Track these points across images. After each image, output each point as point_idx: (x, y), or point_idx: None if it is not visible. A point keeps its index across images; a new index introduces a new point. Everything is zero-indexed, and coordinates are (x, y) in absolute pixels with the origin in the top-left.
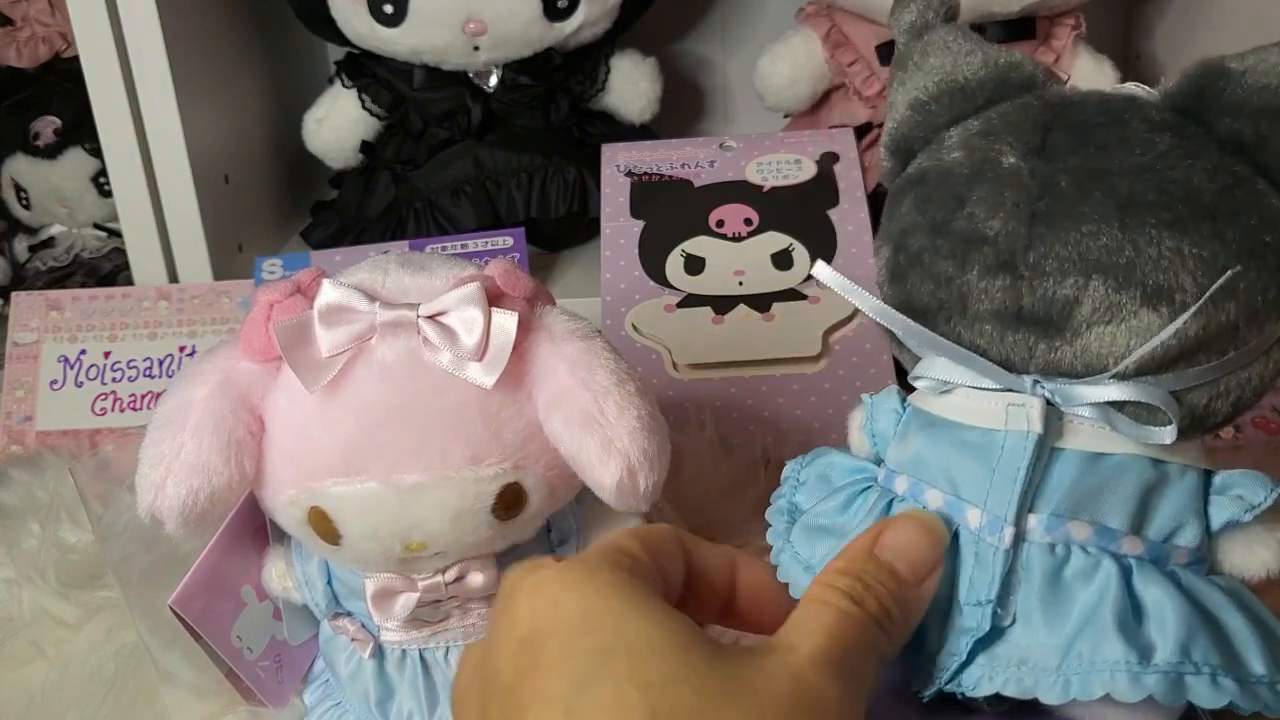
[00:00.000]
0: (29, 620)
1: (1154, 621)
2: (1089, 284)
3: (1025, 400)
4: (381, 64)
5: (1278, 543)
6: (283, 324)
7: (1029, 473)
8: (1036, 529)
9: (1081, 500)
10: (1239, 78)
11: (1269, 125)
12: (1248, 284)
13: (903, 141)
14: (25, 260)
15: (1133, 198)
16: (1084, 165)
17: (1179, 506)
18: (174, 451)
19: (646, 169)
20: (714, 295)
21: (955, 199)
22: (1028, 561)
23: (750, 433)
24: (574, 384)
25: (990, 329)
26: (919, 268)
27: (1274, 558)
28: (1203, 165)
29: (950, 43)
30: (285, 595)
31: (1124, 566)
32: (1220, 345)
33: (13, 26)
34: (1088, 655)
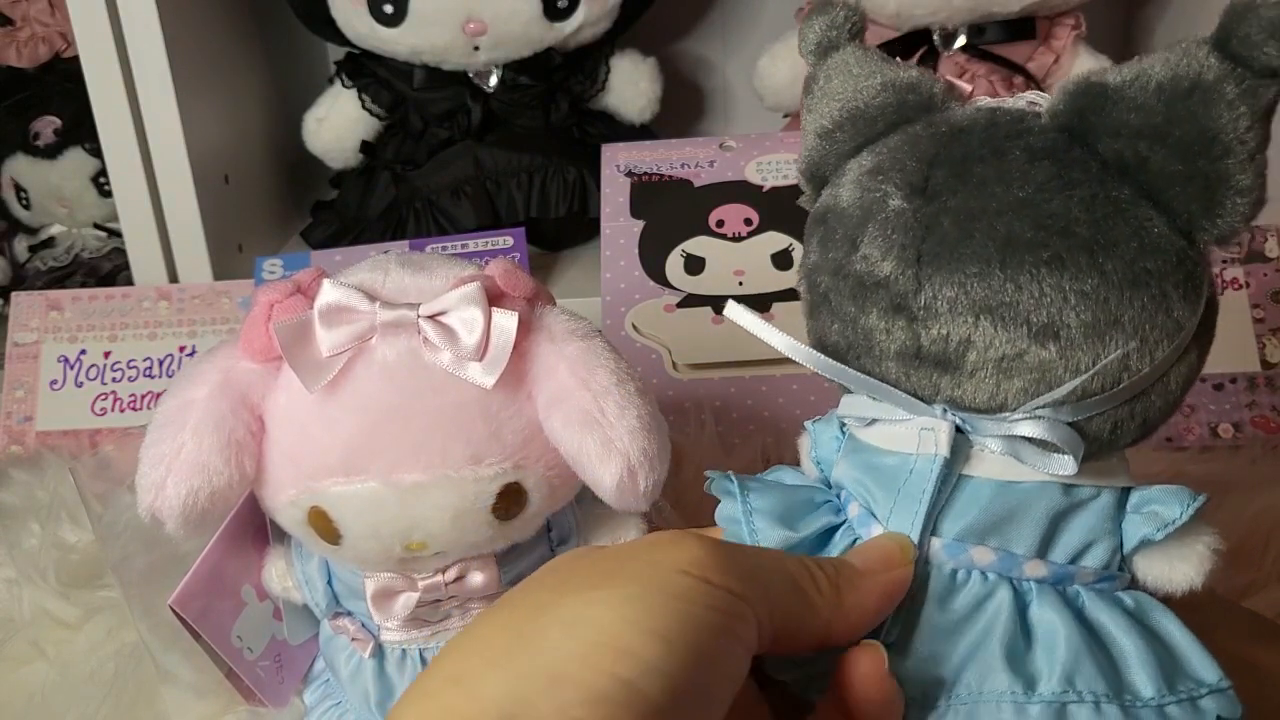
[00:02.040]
0: (29, 620)
1: (1042, 649)
2: (978, 324)
3: (935, 424)
4: (381, 64)
5: (1198, 556)
6: (283, 324)
7: (934, 495)
8: (939, 552)
9: (988, 526)
10: (1117, 96)
11: (1147, 146)
12: (1132, 315)
13: (814, 169)
14: (25, 260)
15: (1010, 237)
16: (964, 205)
17: (1089, 528)
18: (174, 451)
19: (646, 169)
20: (714, 295)
21: (850, 241)
22: (926, 583)
23: (750, 433)
24: (574, 384)
25: (895, 367)
26: (827, 307)
27: (1195, 572)
28: (1081, 194)
29: (851, 65)
30: (285, 595)
31: (1021, 592)
32: (1113, 376)
33: (13, 26)
34: (975, 686)
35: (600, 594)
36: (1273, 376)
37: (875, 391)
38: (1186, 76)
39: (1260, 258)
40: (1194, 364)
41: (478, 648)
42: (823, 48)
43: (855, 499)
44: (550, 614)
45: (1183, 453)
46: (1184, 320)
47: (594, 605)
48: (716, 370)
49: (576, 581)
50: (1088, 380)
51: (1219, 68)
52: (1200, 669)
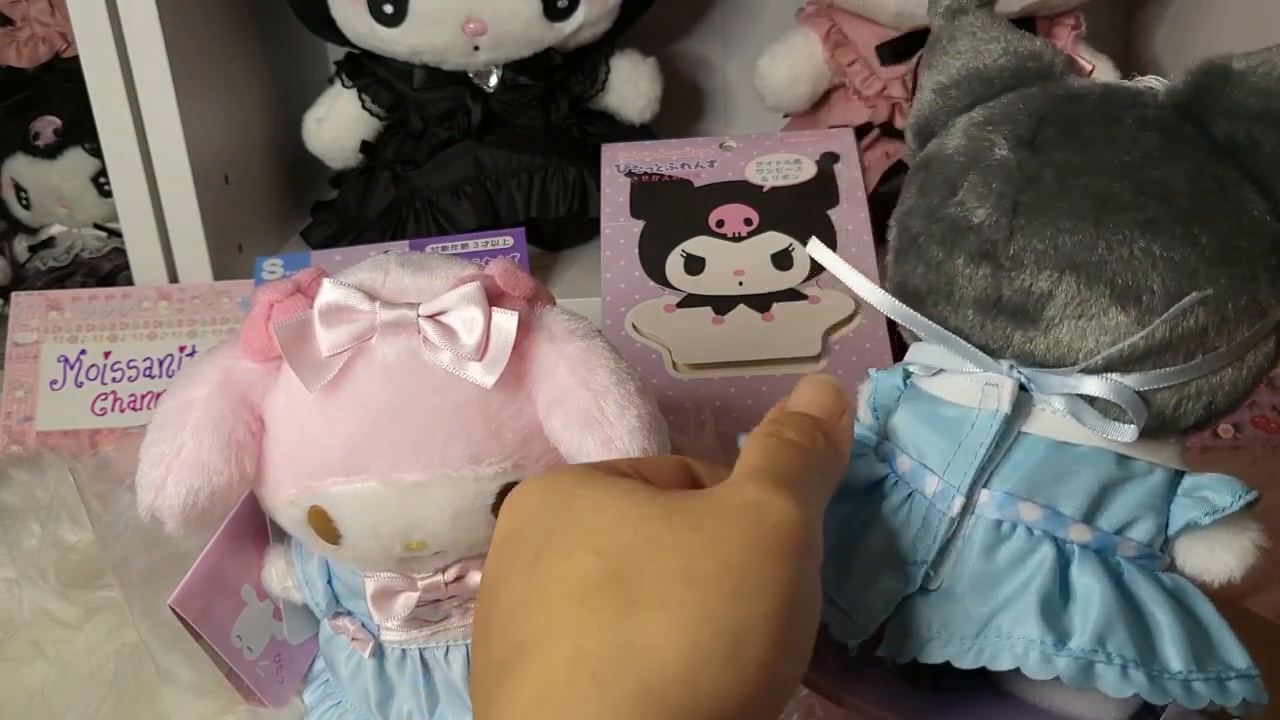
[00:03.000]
0: (29, 620)
1: (1079, 607)
2: (1062, 279)
3: (1000, 380)
4: (381, 64)
5: (1241, 548)
6: (283, 323)
7: (990, 449)
8: (988, 504)
9: (1039, 484)
10: (1239, 79)
11: (1262, 130)
12: (1218, 290)
13: (924, 124)
14: (25, 260)
15: (1109, 196)
16: (1068, 160)
17: (1137, 502)
18: (174, 451)
19: (646, 169)
20: (714, 295)
21: (949, 185)
22: (970, 533)
23: None
24: (574, 383)
25: (973, 315)
26: (915, 250)
27: (1237, 562)
28: (1186, 167)
29: (977, 29)
30: (285, 595)
31: (1064, 552)
32: (1188, 349)
33: (13, 26)
34: (1006, 630)
35: (756, 603)
36: (1273, 376)
37: (946, 342)
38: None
39: None
40: (1271, 354)
41: (657, 649)
42: (951, 11)
43: (906, 451)
44: (717, 618)
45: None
46: (1269, 306)
47: (758, 621)
48: (716, 370)
49: (726, 583)
50: (1161, 346)
51: None
52: (1231, 654)
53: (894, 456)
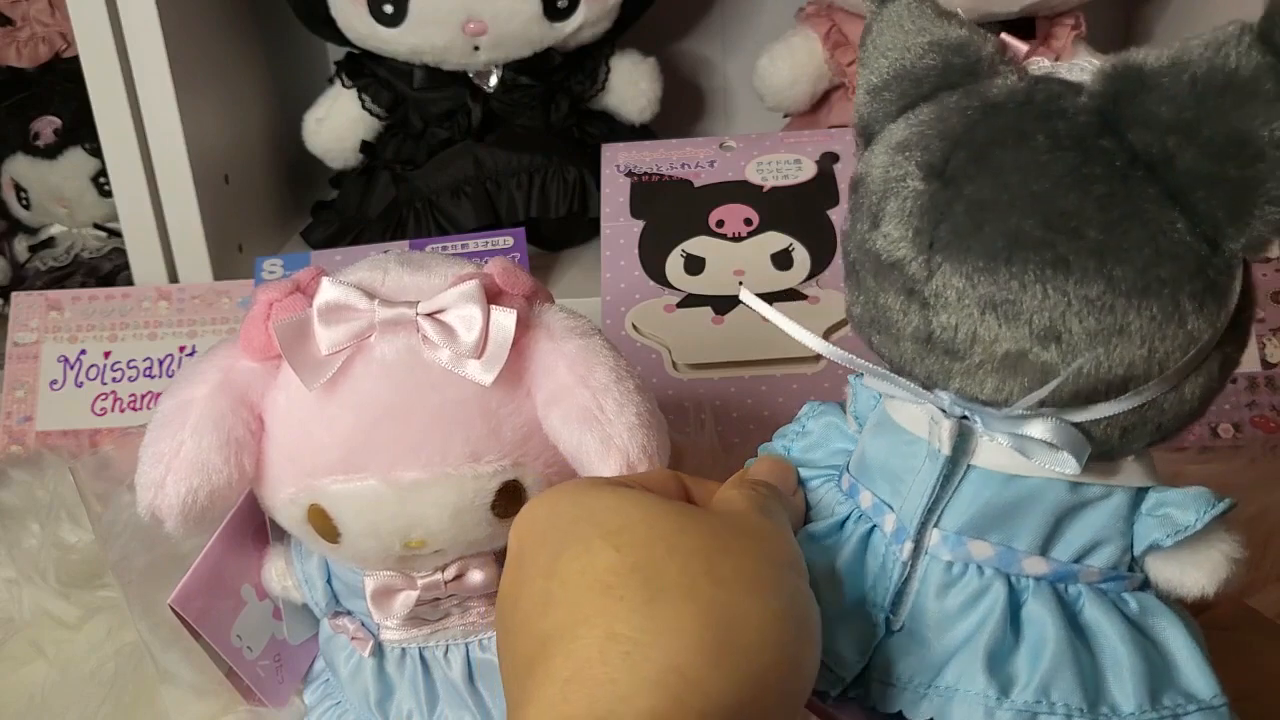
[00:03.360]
0: (29, 620)
1: (1026, 651)
2: (984, 319)
3: (939, 420)
4: (381, 64)
5: (1212, 564)
6: (282, 322)
7: (934, 490)
8: (939, 544)
9: (990, 520)
10: (1153, 82)
11: (1176, 143)
12: (1140, 324)
13: (864, 126)
14: (25, 260)
15: (1019, 234)
16: (978, 194)
17: (1096, 528)
18: (174, 450)
19: (646, 169)
20: (714, 295)
21: (873, 216)
22: (925, 575)
23: (750, 432)
24: (573, 381)
25: (910, 349)
26: (854, 279)
27: (1207, 579)
28: (1099, 191)
29: (904, 21)
30: (285, 594)
31: (1017, 590)
32: (1119, 385)
33: (13, 26)
34: (953, 682)
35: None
36: (1273, 376)
37: (884, 381)
38: (1222, 69)
39: (1261, 258)
40: (1215, 374)
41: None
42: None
43: (868, 487)
44: (740, 616)
45: (1182, 453)
46: (1199, 332)
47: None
48: (716, 370)
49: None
50: (1091, 385)
51: (1259, 62)
52: (1195, 683)
53: (856, 492)
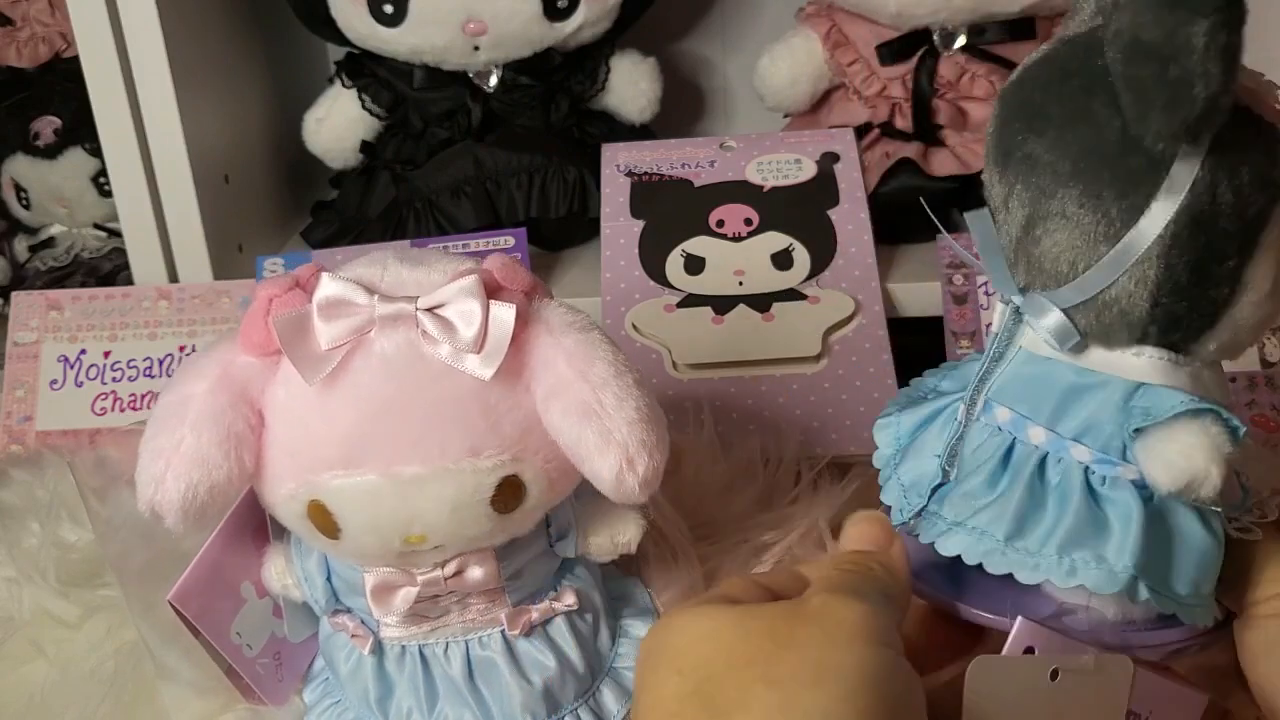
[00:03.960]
0: (29, 619)
1: (1002, 496)
2: (1007, 212)
3: (998, 306)
4: (381, 64)
5: (1166, 459)
6: (282, 317)
7: (987, 362)
8: (980, 409)
9: (1016, 392)
10: (1123, 4)
11: (1113, 52)
12: (1073, 210)
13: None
14: (25, 260)
15: (1013, 139)
16: (1009, 113)
17: (1091, 410)
18: (173, 445)
19: (646, 169)
20: (714, 295)
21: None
22: (968, 434)
23: (749, 432)
24: (572, 375)
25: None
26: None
27: (1162, 472)
28: (1069, 100)
29: None
30: (285, 592)
31: (1013, 450)
32: (1068, 273)
33: (13, 26)
34: (981, 525)
35: (833, 690)
36: (1272, 375)
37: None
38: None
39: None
40: (1181, 273)
41: None
42: None
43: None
44: (800, 709)
45: None
46: (1122, 221)
47: (833, 702)
48: (716, 370)
49: (804, 674)
50: (1053, 272)
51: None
52: (1113, 550)
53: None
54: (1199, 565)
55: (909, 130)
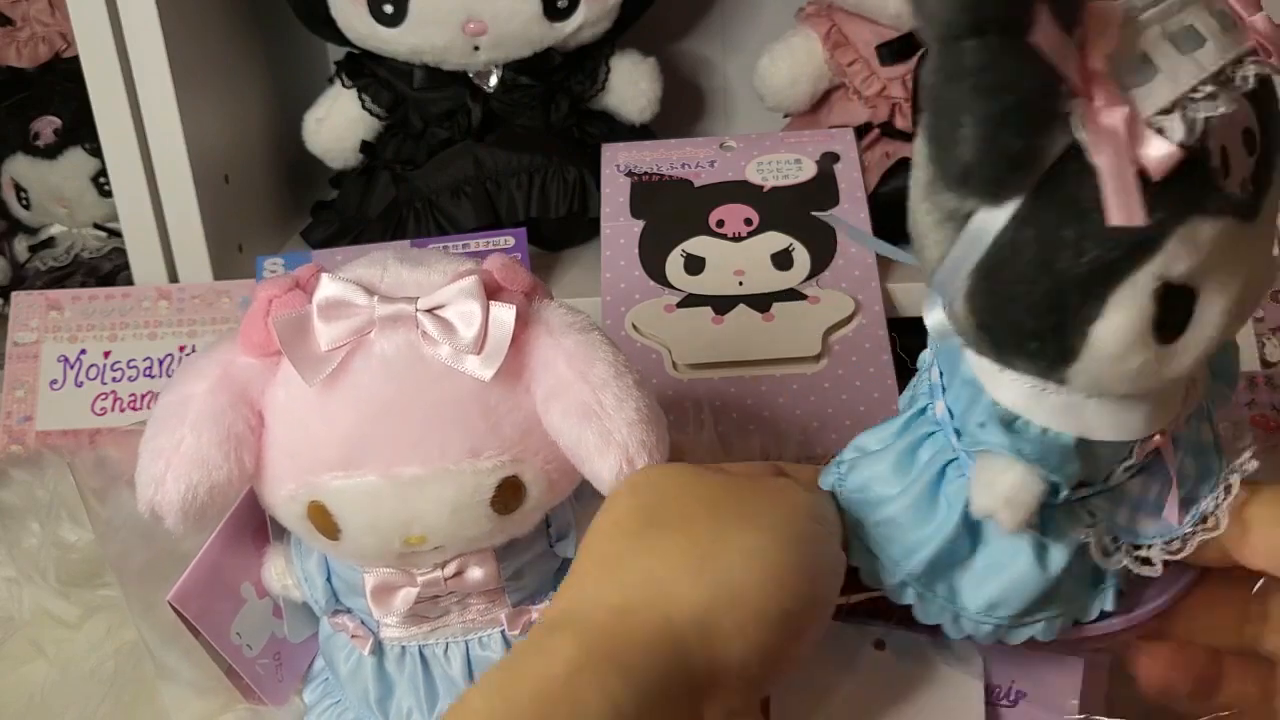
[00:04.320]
0: (29, 619)
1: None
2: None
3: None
4: (381, 64)
5: (979, 484)
6: (282, 318)
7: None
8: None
9: (943, 365)
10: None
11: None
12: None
13: None
14: (25, 260)
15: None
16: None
17: (966, 406)
18: (173, 446)
19: (646, 169)
20: (714, 295)
21: None
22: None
23: (749, 432)
24: (572, 376)
25: None
26: None
27: (974, 496)
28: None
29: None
30: (285, 593)
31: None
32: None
33: (13, 26)
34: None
35: (767, 535)
36: (1272, 375)
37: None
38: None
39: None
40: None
41: (669, 558)
42: None
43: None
44: (729, 542)
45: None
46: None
47: (764, 543)
48: (716, 370)
49: (744, 518)
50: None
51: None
52: (908, 550)
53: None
54: (1003, 588)
55: (909, 130)
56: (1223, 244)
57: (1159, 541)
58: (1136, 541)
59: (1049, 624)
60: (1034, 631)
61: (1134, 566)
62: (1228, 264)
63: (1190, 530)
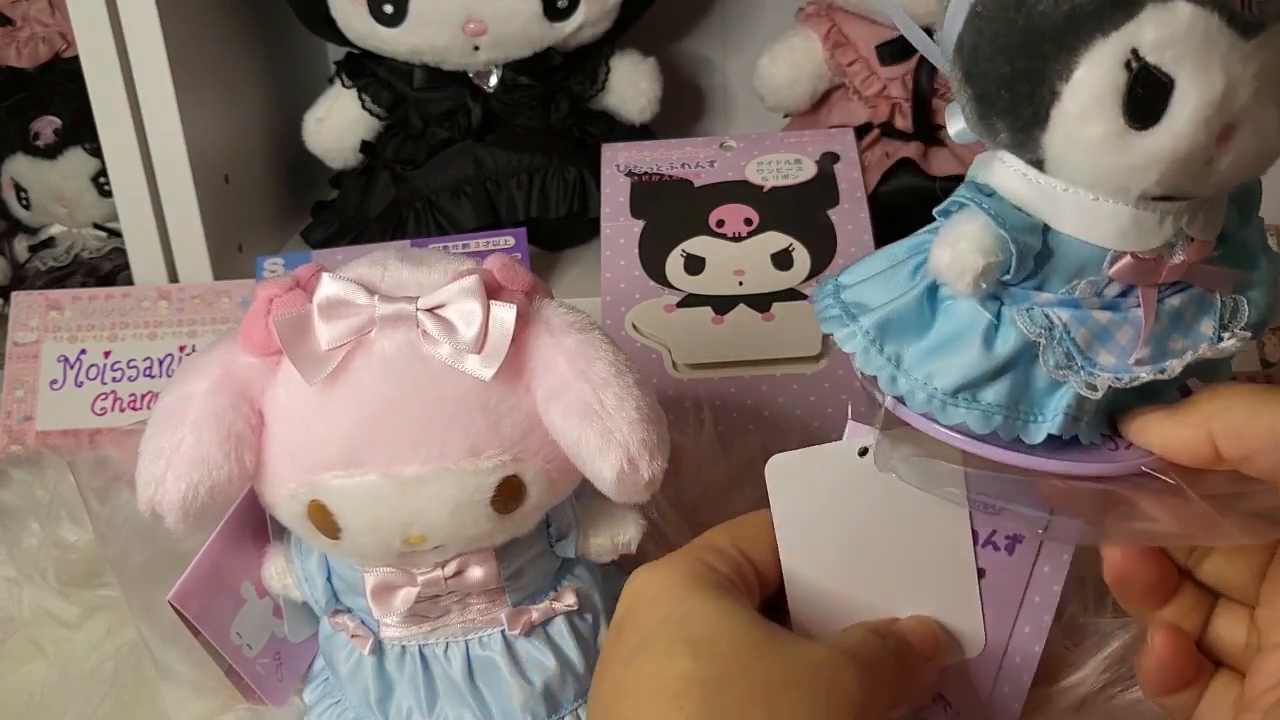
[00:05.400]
0: (29, 619)
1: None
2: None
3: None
4: (381, 64)
5: (936, 243)
6: (282, 317)
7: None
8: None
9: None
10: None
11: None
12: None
13: None
14: (25, 260)
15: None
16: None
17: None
18: (173, 445)
19: (646, 169)
20: (714, 295)
21: None
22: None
23: (750, 432)
24: (573, 375)
25: None
26: None
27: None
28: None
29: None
30: (285, 592)
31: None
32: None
33: (13, 26)
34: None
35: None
36: (1272, 375)
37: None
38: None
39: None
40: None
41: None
42: None
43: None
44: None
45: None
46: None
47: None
48: (716, 370)
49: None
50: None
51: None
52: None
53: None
54: (945, 357)
55: (909, 130)
56: (1204, 39)
57: (1109, 375)
58: (1091, 370)
59: (984, 415)
60: (968, 418)
61: (1079, 388)
62: (1208, 64)
63: (1145, 376)
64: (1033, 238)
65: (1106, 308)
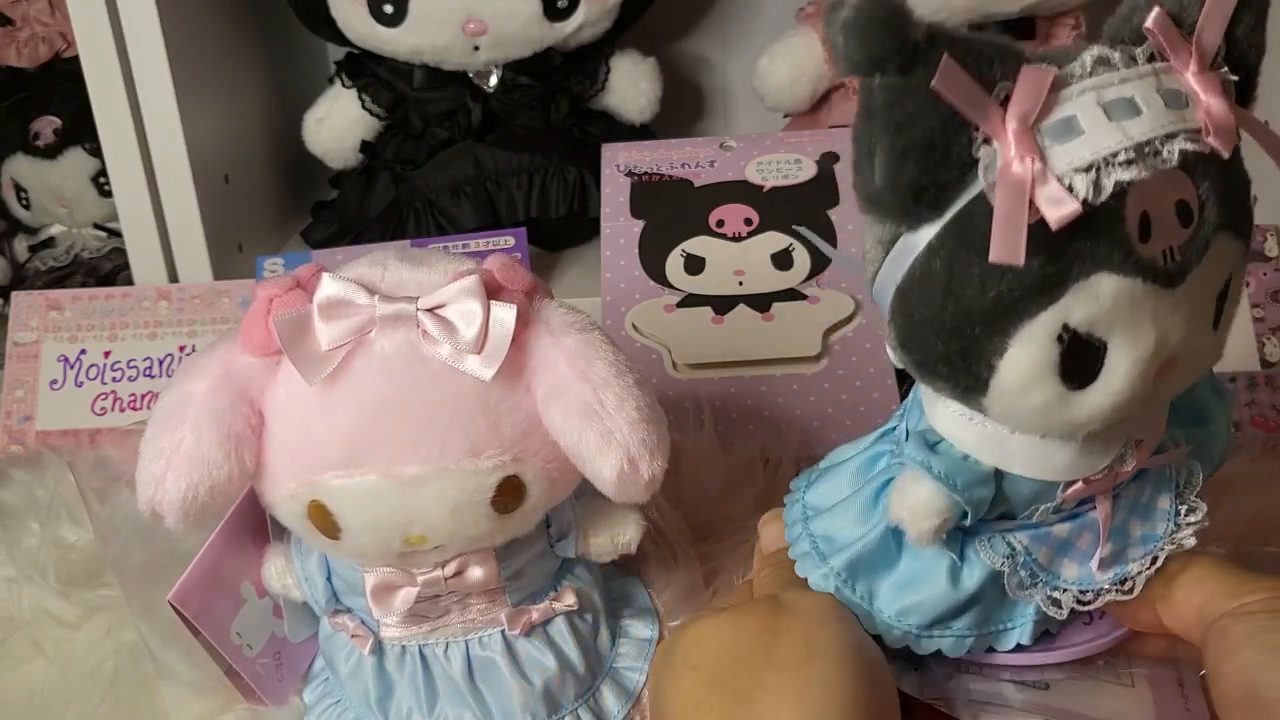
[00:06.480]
0: (29, 619)
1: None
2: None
3: None
4: (381, 64)
5: (894, 494)
6: (282, 317)
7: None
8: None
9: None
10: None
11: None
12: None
13: None
14: (25, 260)
15: None
16: None
17: (913, 423)
18: (174, 445)
19: (646, 169)
20: (714, 295)
21: None
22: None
23: (749, 432)
24: (573, 376)
25: None
26: None
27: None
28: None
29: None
30: (285, 592)
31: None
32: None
33: (13, 26)
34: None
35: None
36: (1272, 375)
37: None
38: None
39: (1260, 257)
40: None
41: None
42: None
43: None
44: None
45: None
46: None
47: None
48: (716, 370)
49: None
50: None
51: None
52: (839, 551)
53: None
54: (916, 597)
55: None
56: (1131, 304)
57: (1074, 589)
58: (1054, 584)
59: (958, 641)
60: (942, 645)
61: (1045, 606)
62: (1138, 324)
63: (1107, 587)
64: (985, 489)
65: (1066, 519)
